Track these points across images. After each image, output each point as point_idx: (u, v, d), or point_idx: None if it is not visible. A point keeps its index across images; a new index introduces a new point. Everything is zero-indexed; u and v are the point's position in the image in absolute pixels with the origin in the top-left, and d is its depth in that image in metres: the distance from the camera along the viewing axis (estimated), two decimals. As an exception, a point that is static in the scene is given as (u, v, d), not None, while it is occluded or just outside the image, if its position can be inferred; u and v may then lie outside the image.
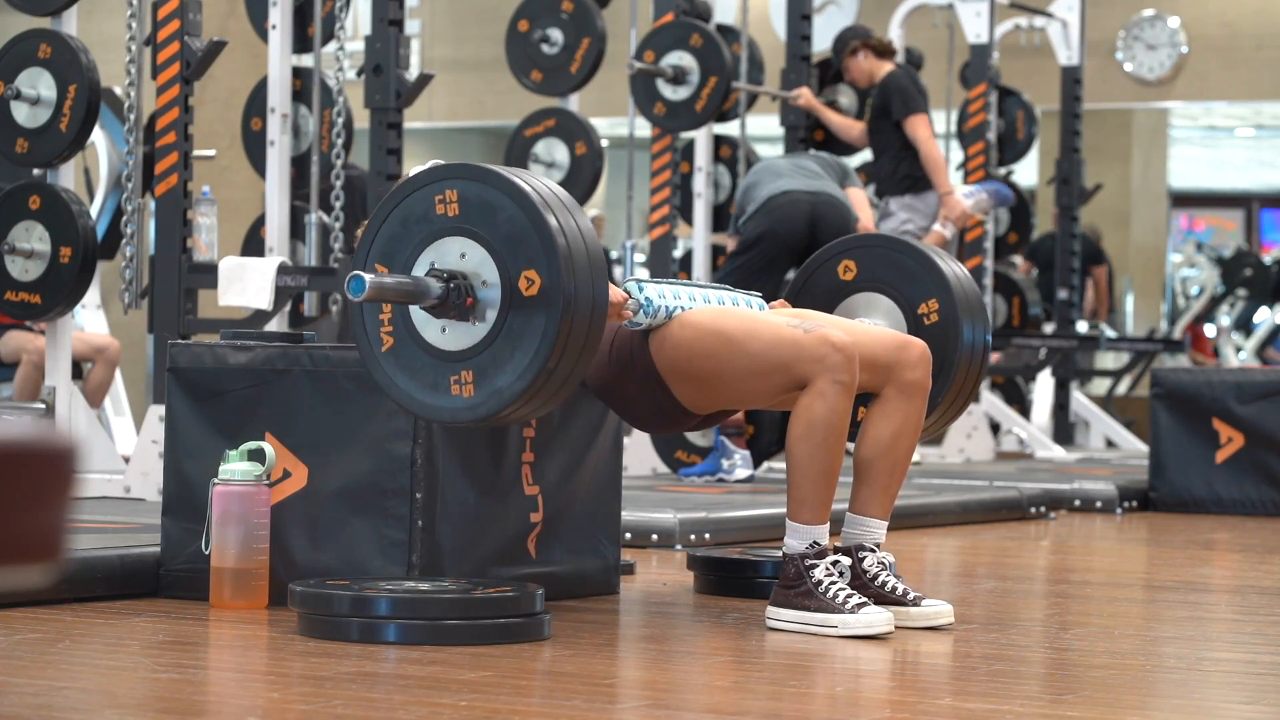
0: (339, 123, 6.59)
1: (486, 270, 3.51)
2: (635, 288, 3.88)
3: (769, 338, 3.80)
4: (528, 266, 3.48)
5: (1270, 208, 22.20)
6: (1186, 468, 7.49)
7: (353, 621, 3.54)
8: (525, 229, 3.48)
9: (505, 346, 3.50)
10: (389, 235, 3.60)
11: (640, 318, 3.87)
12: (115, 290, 6.63)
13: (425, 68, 8.26)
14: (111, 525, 4.76)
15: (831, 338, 3.74)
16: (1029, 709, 3.03)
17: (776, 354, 3.77)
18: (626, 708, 3.00)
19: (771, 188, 7.16)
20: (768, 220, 7.11)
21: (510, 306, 3.49)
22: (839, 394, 3.73)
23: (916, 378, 3.92)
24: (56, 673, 3.21)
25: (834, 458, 3.75)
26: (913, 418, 3.92)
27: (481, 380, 3.51)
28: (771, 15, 10.01)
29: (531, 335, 3.47)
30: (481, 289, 3.52)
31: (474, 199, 3.52)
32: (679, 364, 3.87)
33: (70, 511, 1.64)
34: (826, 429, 3.73)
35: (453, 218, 3.54)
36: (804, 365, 3.74)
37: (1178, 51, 14.32)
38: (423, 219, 3.57)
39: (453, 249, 3.53)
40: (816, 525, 3.79)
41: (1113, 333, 14.78)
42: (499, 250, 3.50)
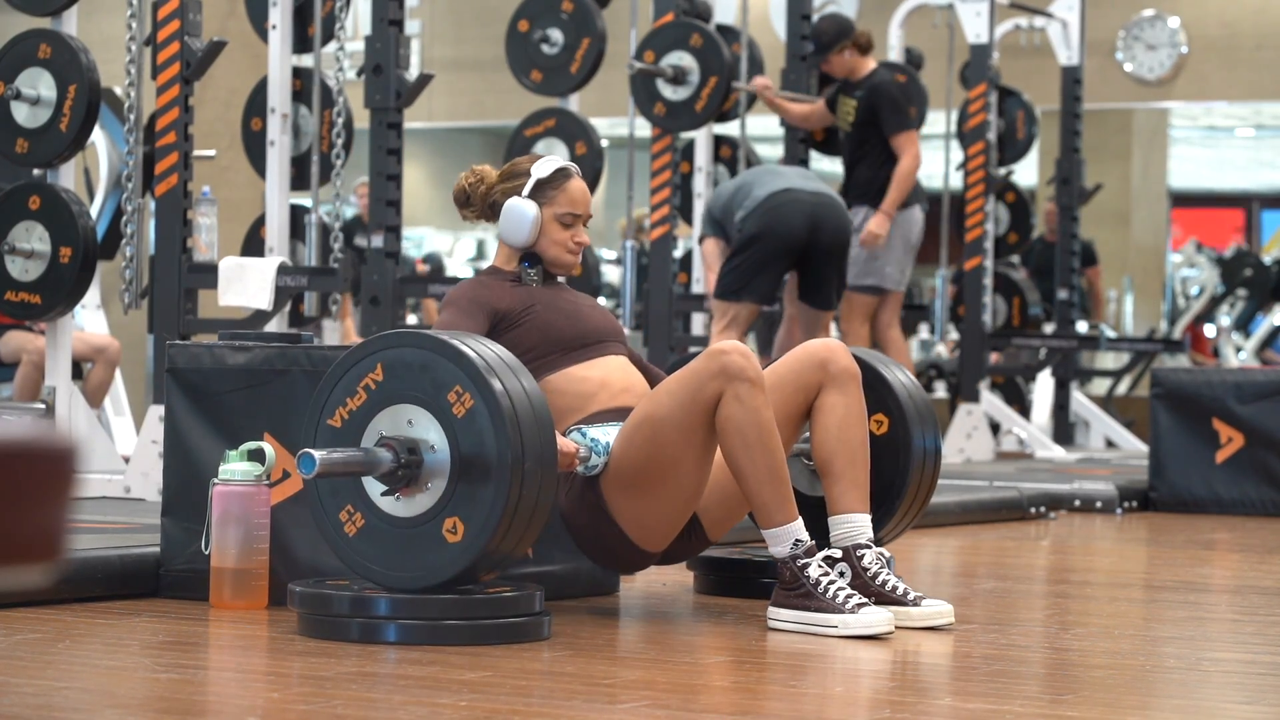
0: (339, 123, 6.59)
1: (431, 431, 3.53)
2: (579, 435, 3.89)
3: (670, 387, 3.83)
4: (457, 399, 3.49)
5: (1270, 208, 22.20)
6: (1186, 468, 7.49)
7: (353, 621, 3.54)
8: (460, 379, 3.50)
9: (462, 503, 3.51)
10: (327, 436, 3.61)
11: (594, 460, 3.88)
12: (115, 290, 6.63)
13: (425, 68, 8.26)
14: (111, 525, 4.77)
15: (718, 346, 3.80)
16: (1029, 709, 3.03)
17: (683, 394, 3.79)
18: (626, 708, 3.00)
19: (771, 185, 7.04)
20: (766, 219, 6.95)
21: (461, 463, 3.51)
22: (750, 391, 3.74)
23: (842, 366, 3.97)
24: (56, 673, 3.21)
25: (773, 454, 3.76)
26: (854, 405, 3.95)
27: (468, 519, 3.52)
28: (771, 15, 10.00)
29: (485, 488, 3.49)
30: (429, 453, 3.53)
31: (406, 364, 3.55)
32: (624, 479, 3.86)
33: (70, 511, 1.64)
34: (756, 428, 3.74)
35: (387, 388, 3.57)
36: (709, 384, 3.76)
37: (1178, 51, 14.32)
38: (359, 397, 3.59)
39: (397, 418, 3.56)
40: (788, 524, 3.79)
41: (1113, 333, 14.79)
42: (429, 400, 3.52)
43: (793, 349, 4.07)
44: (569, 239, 4.11)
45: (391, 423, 3.56)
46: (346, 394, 3.61)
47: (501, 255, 4.15)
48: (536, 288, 4.10)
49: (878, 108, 7.86)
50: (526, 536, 3.56)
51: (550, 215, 4.09)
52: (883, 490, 4.21)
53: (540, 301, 4.06)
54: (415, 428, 3.55)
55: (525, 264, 4.12)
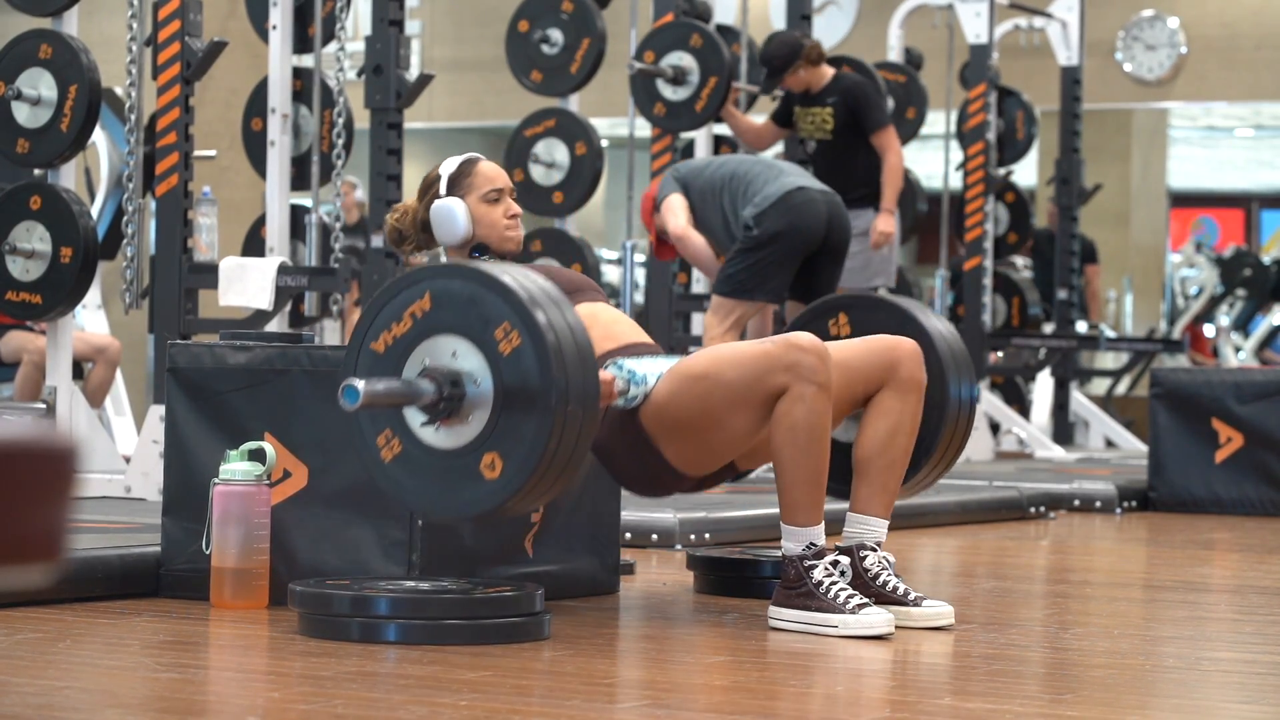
0: (339, 123, 6.59)
1: (475, 364, 3.51)
2: (616, 368, 3.89)
3: (739, 359, 3.81)
4: (505, 336, 3.47)
5: (1270, 208, 22.20)
6: (1186, 468, 7.49)
7: (353, 621, 3.54)
8: (508, 316, 3.47)
9: (503, 438, 3.49)
10: (370, 360, 3.58)
11: (632, 391, 3.88)
12: (116, 290, 6.63)
13: (425, 68, 8.27)
14: (111, 525, 4.77)
15: (799, 341, 3.76)
16: (1029, 709, 3.03)
17: (750, 372, 3.78)
18: (626, 708, 3.00)
19: (780, 184, 6.91)
20: (788, 217, 6.80)
21: (504, 399, 3.49)
22: (815, 395, 3.73)
23: (910, 374, 3.93)
24: (56, 673, 3.21)
25: (820, 459, 3.76)
26: (909, 414, 3.92)
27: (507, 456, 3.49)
28: (771, 15, 10.02)
29: (528, 425, 3.46)
30: (468, 375, 3.51)
31: (454, 295, 3.52)
32: (666, 420, 3.86)
33: (70, 511, 1.64)
34: (809, 431, 3.74)
35: (434, 318, 3.53)
36: (778, 374, 3.75)
37: (1177, 52, 14.32)
38: (405, 323, 3.57)
39: (440, 348, 3.53)
40: (811, 526, 3.79)
41: (1112, 332, 14.79)
42: (476, 334, 3.49)
43: (874, 335, 4.03)
44: (501, 214, 4.12)
45: (436, 353, 3.53)
46: (392, 319, 3.56)
47: (453, 260, 4.16)
48: None
49: (858, 108, 7.77)
50: (565, 475, 3.53)
51: (474, 201, 4.11)
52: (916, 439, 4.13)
53: None
54: (460, 360, 3.51)
55: (475, 254, 4.13)
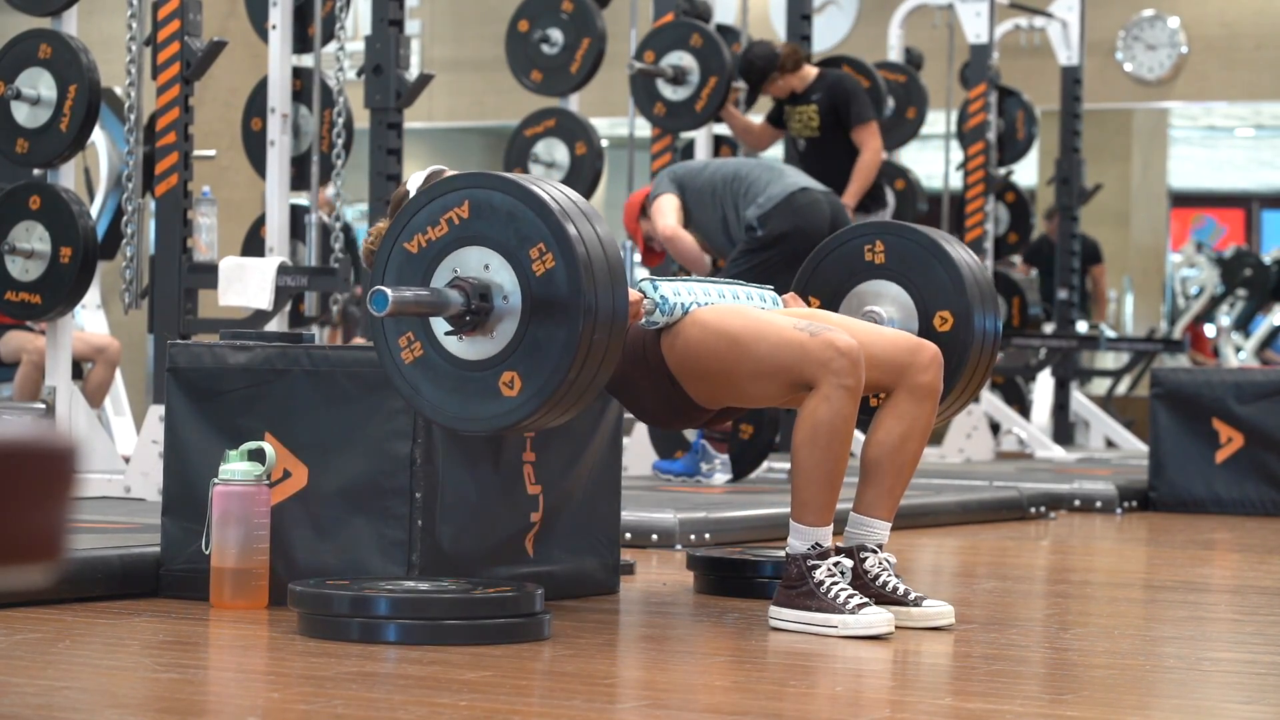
0: (339, 123, 6.59)
1: (506, 279, 3.50)
2: (650, 286, 3.89)
3: (775, 340, 3.79)
4: (539, 256, 3.46)
5: (1270, 208, 22.20)
6: (1186, 468, 7.49)
7: (353, 621, 3.54)
8: (545, 237, 3.47)
9: (526, 356, 3.49)
10: (401, 258, 3.58)
11: (657, 316, 3.88)
12: (115, 290, 6.63)
13: (425, 68, 8.26)
14: (111, 525, 4.76)
15: (837, 342, 3.74)
16: (1029, 709, 3.03)
17: (782, 356, 3.77)
18: (626, 708, 3.00)
19: (784, 185, 6.90)
20: (794, 218, 6.80)
21: (531, 316, 3.48)
22: (844, 398, 3.73)
23: (928, 380, 3.92)
24: (56, 673, 3.21)
25: (838, 461, 3.76)
26: (922, 421, 3.91)
27: (528, 377, 3.49)
28: (771, 15, 10.01)
29: (552, 346, 3.46)
30: (498, 289, 3.50)
31: (493, 207, 3.51)
32: (688, 362, 3.88)
33: (70, 511, 1.64)
34: (831, 433, 3.73)
35: (470, 227, 3.52)
36: (810, 368, 3.74)
37: (1177, 51, 14.32)
38: (441, 228, 3.55)
39: (472, 259, 3.52)
40: (820, 527, 3.79)
41: (1113, 332, 14.78)
42: (511, 251, 3.49)
43: (902, 332, 4.02)
44: None
45: (467, 262, 3.52)
46: (429, 222, 3.55)
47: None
48: None
49: (841, 104, 7.76)
50: (581, 402, 3.54)
51: None
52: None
53: None
54: (491, 272, 3.50)
55: None
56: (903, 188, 9.78)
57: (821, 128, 7.83)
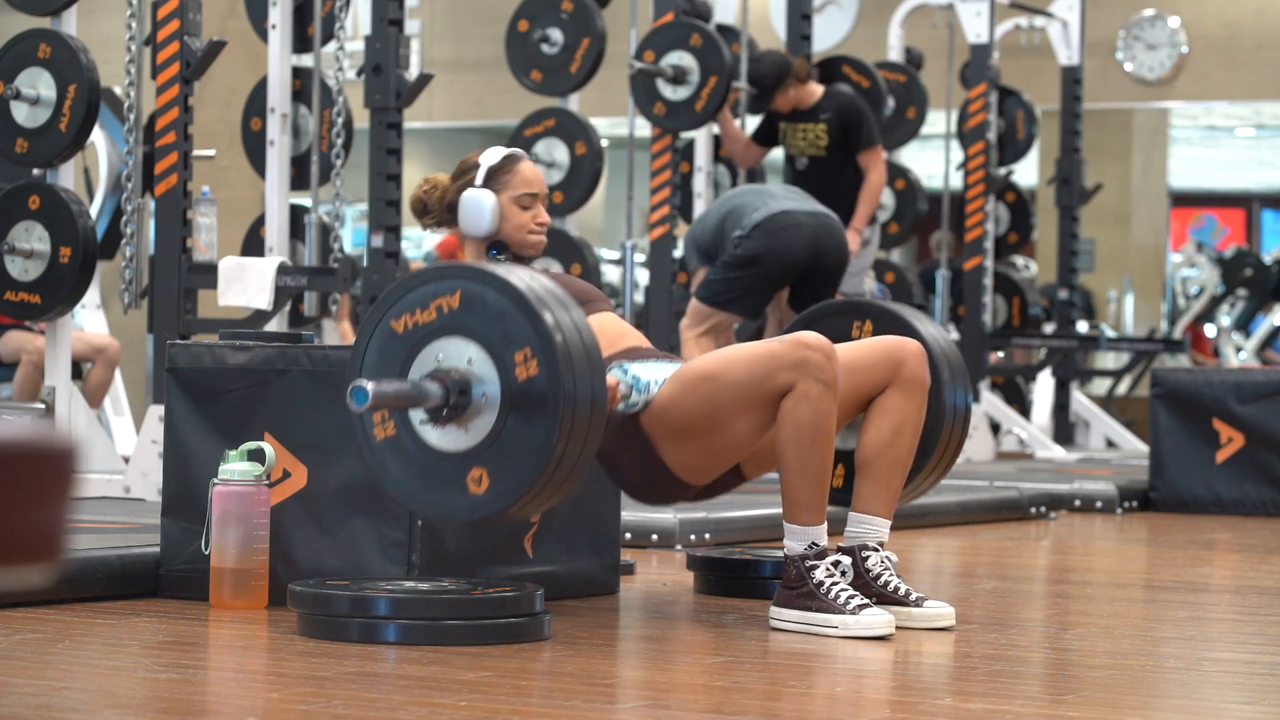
0: (339, 123, 6.58)
1: (487, 376, 3.49)
2: (620, 371, 3.88)
3: (746, 359, 3.80)
4: (523, 361, 3.46)
5: (1270, 208, 22.20)
6: (1186, 468, 7.49)
7: (353, 621, 3.54)
8: (522, 327, 3.46)
9: (506, 448, 3.47)
10: (385, 336, 3.58)
11: (635, 397, 3.87)
12: (115, 290, 6.63)
13: (425, 68, 8.26)
14: (111, 525, 4.76)
15: (805, 339, 3.75)
16: (1029, 709, 3.03)
17: (757, 370, 3.77)
18: (626, 708, 3.00)
19: (769, 208, 6.93)
20: (767, 240, 6.80)
21: (508, 417, 3.47)
22: (822, 393, 3.73)
23: (914, 373, 3.93)
24: (56, 673, 3.21)
25: (825, 458, 3.75)
26: (912, 415, 3.92)
27: (496, 477, 3.48)
28: (771, 15, 10.01)
29: (526, 450, 3.45)
30: (478, 385, 3.49)
31: (484, 304, 3.49)
32: (670, 423, 3.85)
33: (70, 511, 1.64)
34: (814, 430, 3.73)
35: (459, 318, 3.51)
36: (784, 373, 3.74)
37: (1178, 51, 14.32)
38: (430, 313, 3.55)
39: (457, 350, 3.50)
40: (814, 526, 3.79)
41: (1113, 333, 14.78)
42: (496, 350, 3.48)
43: (878, 336, 4.04)
44: (530, 220, 4.12)
45: (451, 353, 3.51)
46: (418, 304, 3.54)
47: (469, 251, 4.16)
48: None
49: (852, 124, 7.73)
50: (553, 499, 3.53)
51: (507, 199, 4.10)
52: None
53: None
54: (473, 366, 3.50)
55: (494, 252, 4.13)
56: (903, 188, 9.79)
57: (829, 147, 7.80)
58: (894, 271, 10.02)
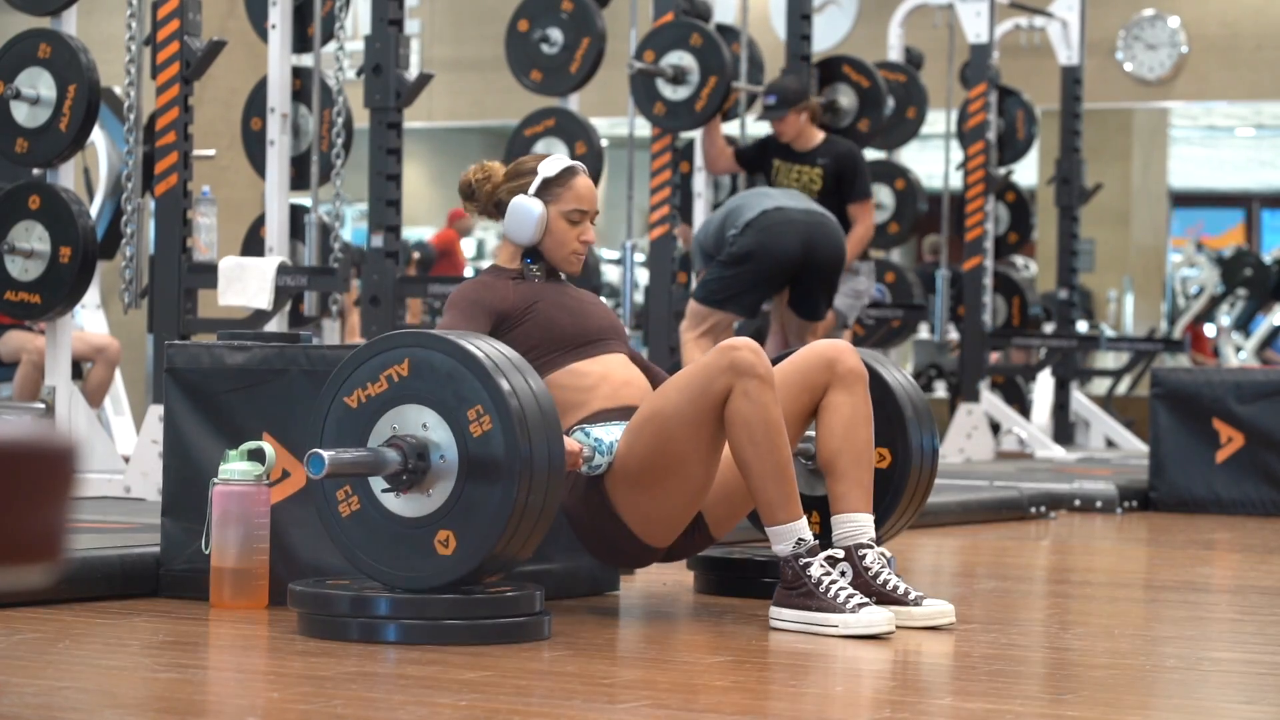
0: (339, 123, 6.59)
1: (443, 438, 3.52)
2: (583, 435, 3.89)
3: (680, 382, 3.84)
4: (477, 418, 3.48)
5: (1270, 208, 22.20)
6: (1186, 468, 7.49)
7: (353, 621, 3.54)
8: (473, 386, 3.48)
9: (468, 508, 3.50)
10: (340, 411, 3.60)
11: (598, 460, 3.88)
12: (115, 290, 6.63)
13: (425, 68, 8.26)
14: (111, 525, 4.76)
15: (730, 342, 3.81)
16: (1029, 709, 3.03)
17: (694, 387, 3.80)
18: (626, 708, 3.00)
19: (761, 206, 6.95)
20: (759, 237, 6.86)
21: (468, 477, 3.50)
22: (759, 387, 3.75)
23: (849, 366, 3.98)
24: (56, 673, 3.21)
25: (780, 451, 3.76)
26: (860, 405, 3.96)
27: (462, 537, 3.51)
28: (771, 15, 10.01)
29: (488, 505, 3.48)
30: (435, 450, 3.52)
31: (432, 367, 3.53)
32: (629, 474, 3.86)
33: (70, 511, 1.64)
34: (764, 425, 3.74)
35: (409, 385, 3.55)
36: (719, 379, 3.77)
37: (1178, 51, 14.32)
38: (381, 384, 3.57)
39: (411, 417, 3.55)
40: (793, 522, 3.79)
41: (1113, 332, 14.78)
42: (450, 410, 3.51)
43: (805, 347, 4.08)
44: (575, 237, 4.10)
45: (406, 420, 3.55)
46: (369, 378, 3.59)
47: (505, 253, 4.16)
48: (540, 284, 4.10)
49: (847, 174, 7.69)
50: (520, 555, 3.58)
51: (556, 213, 4.09)
52: (879, 489, 4.20)
53: (543, 298, 4.07)
54: (430, 432, 3.54)
55: (528, 260, 4.12)
56: (903, 188, 9.79)
57: (821, 192, 7.78)
58: (894, 271, 10.03)
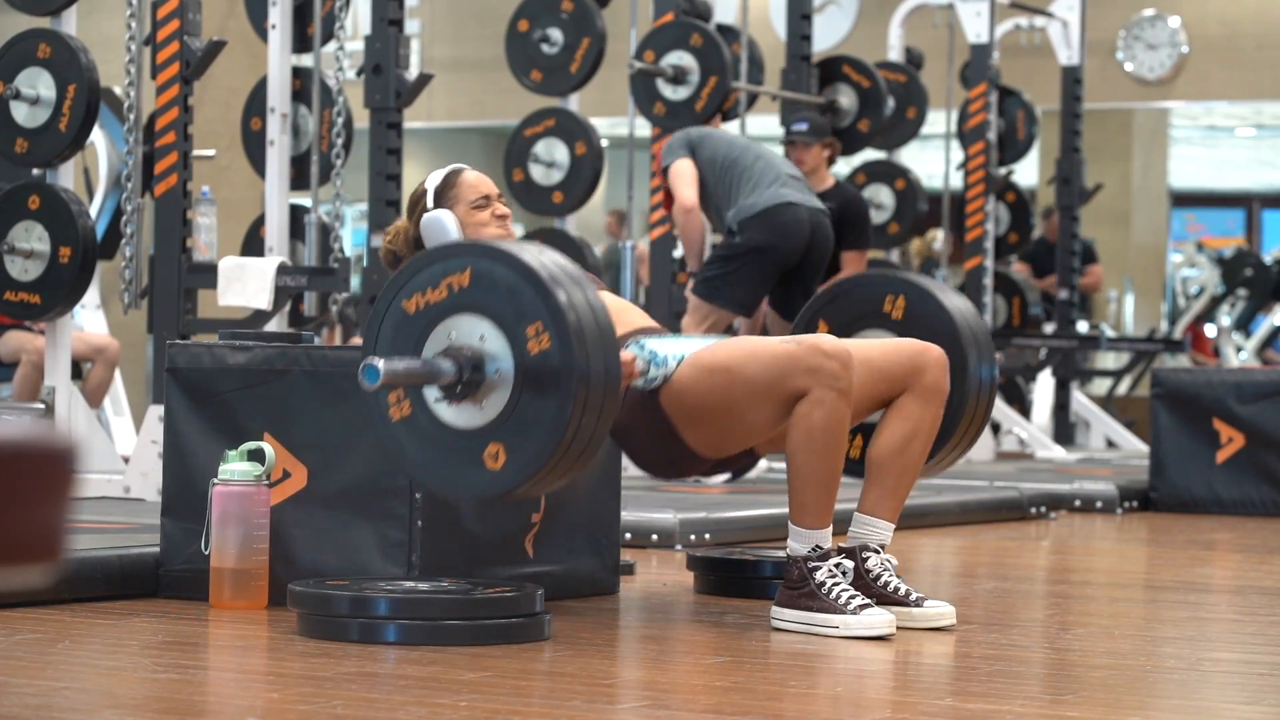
0: (339, 123, 6.59)
1: (500, 352, 3.49)
2: (637, 347, 3.89)
3: (766, 357, 3.81)
4: (535, 335, 3.46)
5: (1271, 208, 22.20)
6: (1187, 468, 7.49)
7: (353, 621, 3.53)
8: (533, 302, 3.46)
9: (521, 424, 3.47)
10: (398, 316, 3.58)
11: (653, 372, 3.87)
12: (115, 290, 6.63)
13: (425, 68, 8.26)
14: (111, 525, 4.76)
15: (824, 345, 3.75)
16: (1029, 709, 3.03)
17: (772, 371, 3.78)
18: (626, 708, 3.00)
19: (769, 194, 6.91)
20: (770, 235, 6.82)
21: (522, 391, 3.47)
22: (836, 400, 3.73)
23: (934, 381, 3.92)
24: (56, 673, 3.21)
25: (834, 464, 3.76)
26: (928, 422, 3.92)
27: (513, 452, 3.48)
28: (771, 15, 10.00)
29: (541, 422, 3.45)
30: (491, 362, 3.49)
31: (494, 280, 3.49)
32: (687, 407, 3.87)
33: (70, 511, 1.64)
34: (826, 435, 3.73)
35: (470, 296, 3.51)
36: (800, 377, 3.75)
37: (1178, 51, 14.32)
38: (440, 292, 3.54)
39: (468, 327, 3.50)
40: (819, 529, 3.79)
41: (1113, 333, 14.78)
42: (508, 325, 3.48)
43: (903, 339, 4.04)
44: (489, 216, 4.12)
45: (463, 330, 3.51)
46: (429, 283, 3.53)
47: None
48: None
49: (851, 221, 7.62)
50: (571, 473, 3.53)
51: (463, 210, 4.11)
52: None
53: None
54: (486, 343, 3.50)
55: None
56: (903, 188, 9.79)
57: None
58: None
